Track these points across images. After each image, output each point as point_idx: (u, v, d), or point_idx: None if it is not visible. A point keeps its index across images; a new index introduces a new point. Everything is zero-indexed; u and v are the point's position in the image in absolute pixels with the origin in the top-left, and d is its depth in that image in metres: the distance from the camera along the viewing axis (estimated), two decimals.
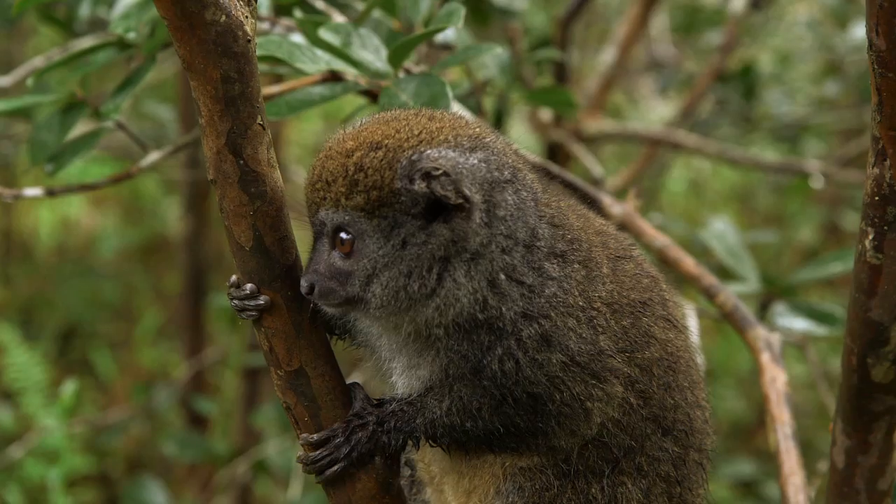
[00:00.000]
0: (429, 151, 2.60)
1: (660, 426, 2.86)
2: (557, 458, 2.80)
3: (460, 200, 2.59)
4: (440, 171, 2.57)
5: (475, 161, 2.64)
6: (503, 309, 2.67)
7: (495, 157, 2.68)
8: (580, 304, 2.73)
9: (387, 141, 2.64)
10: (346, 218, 2.62)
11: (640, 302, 2.87)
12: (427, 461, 3.03)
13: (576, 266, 2.75)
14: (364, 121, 2.77)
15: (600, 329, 2.75)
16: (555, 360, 2.70)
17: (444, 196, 2.58)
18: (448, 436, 2.77)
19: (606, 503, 2.81)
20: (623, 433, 2.81)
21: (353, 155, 2.63)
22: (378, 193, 2.60)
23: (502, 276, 2.67)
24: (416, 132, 2.65)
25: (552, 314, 2.69)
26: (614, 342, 2.77)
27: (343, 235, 2.64)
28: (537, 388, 2.71)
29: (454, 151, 2.62)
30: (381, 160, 2.61)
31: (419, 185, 2.58)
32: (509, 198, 2.68)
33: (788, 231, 9.13)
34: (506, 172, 2.69)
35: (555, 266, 2.72)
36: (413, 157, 2.60)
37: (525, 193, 2.72)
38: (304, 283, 2.65)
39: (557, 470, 2.81)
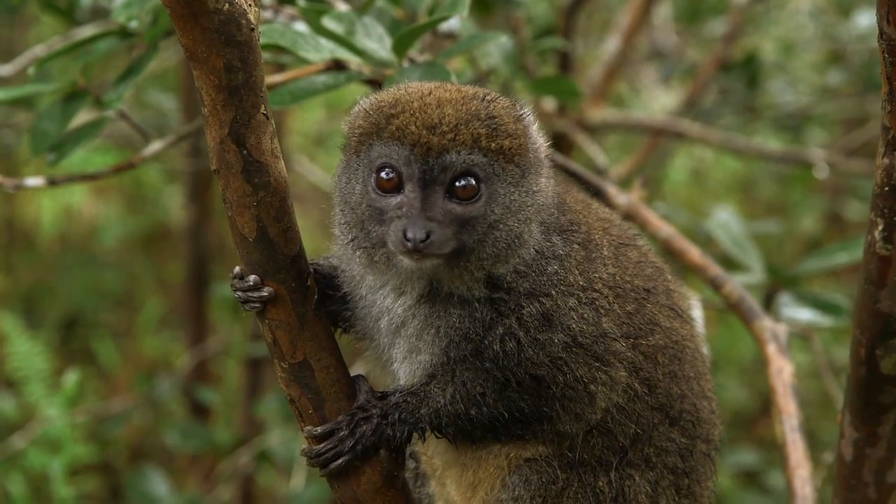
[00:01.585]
0: (528, 112, 2.71)
1: (667, 416, 2.86)
2: (563, 447, 2.80)
3: (544, 155, 2.72)
4: (538, 127, 2.71)
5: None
6: (519, 282, 2.68)
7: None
8: (580, 283, 2.74)
9: (497, 98, 2.69)
10: (484, 160, 2.60)
11: (644, 289, 2.87)
12: (430, 454, 3.02)
13: (575, 246, 2.76)
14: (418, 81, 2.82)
15: (602, 311, 2.75)
16: (556, 341, 2.70)
17: (545, 150, 2.72)
18: (453, 425, 2.76)
19: (614, 497, 2.80)
20: (628, 420, 2.80)
21: (470, 103, 2.63)
22: (517, 142, 2.64)
23: (546, 244, 2.73)
24: (504, 98, 2.73)
25: (553, 292, 2.70)
26: (618, 326, 2.77)
27: (470, 179, 2.59)
28: (540, 370, 2.70)
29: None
30: (507, 111, 2.66)
31: (542, 143, 2.70)
32: (545, 171, 2.77)
33: (791, 221, 9.10)
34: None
35: (559, 242, 2.74)
36: (528, 114, 2.70)
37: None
38: (415, 233, 2.52)
39: (563, 461, 2.80)
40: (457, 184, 2.58)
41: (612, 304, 2.78)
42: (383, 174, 2.61)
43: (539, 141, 2.73)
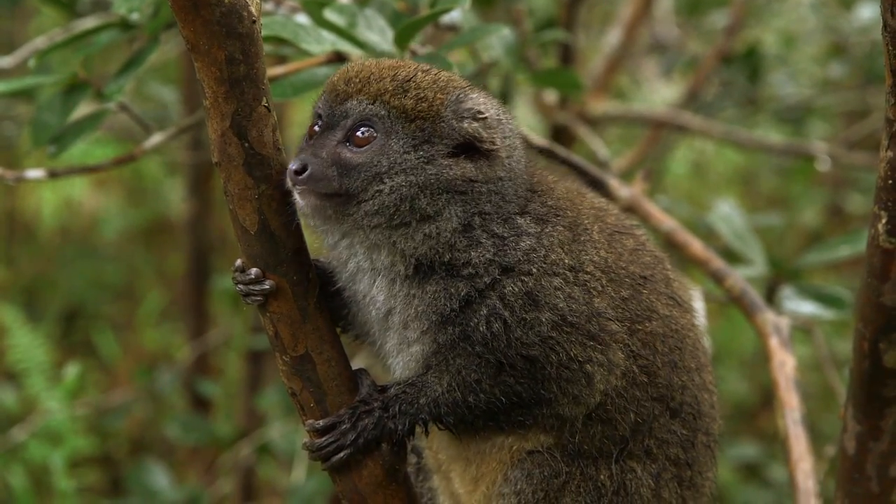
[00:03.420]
0: (475, 96, 2.75)
1: (667, 407, 2.86)
2: (564, 434, 2.79)
3: (493, 148, 2.74)
4: (484, 116, 2.72)
5: (506, 118, 2.81)
6: (472, 254, 2.71)
7: (514, 122, 2.86)
8: (567, 262, 2.75)
9: (434, 72, 2.77)
10: (383, 113, 2.68)
11: (640, 276, 2.88)
12: (435, 448, 3.03)
13: (559, 228, 2.79)
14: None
15: (595, 292, 2.77)
16: (544, 320, 2.71)
17: (485, 140, 2.73)
18: (453, 414, 2.76)
19: (615, 490, 2.81)
20: (628, 407, 2.81)
21: (400, 68, 2.74)
22: (425, 107, 2.70)
23: (477, 221, 2.74)
24: (456, 79, 2.81)
25: (533, 270, 2.72)
26: (612, 308, 2.77)
27: (364, 129, 2.68)
28: (531, 351, 2.71)
29: (493, 105, 2.79)
30: (433, 83, 2.74)
31: (468, 123, 2.72)
32: (514, 161, 2.80)
33: (792, 214, 9.10)
34: (517, 140, 2.84)
35: (528, 222, 2.77)
36: (461, 95, 2.73)
37: (523, 163, 2.84)
38: (294, 164, 2.61)
39: (565, 452, 2.80)
40: (355, 132, 2.68)
41: (605, 287, 2.79)
42: (313, 119, 2.76)
43: (476, 124, 2.73)
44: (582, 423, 2.80)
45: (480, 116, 2.73)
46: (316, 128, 2.73)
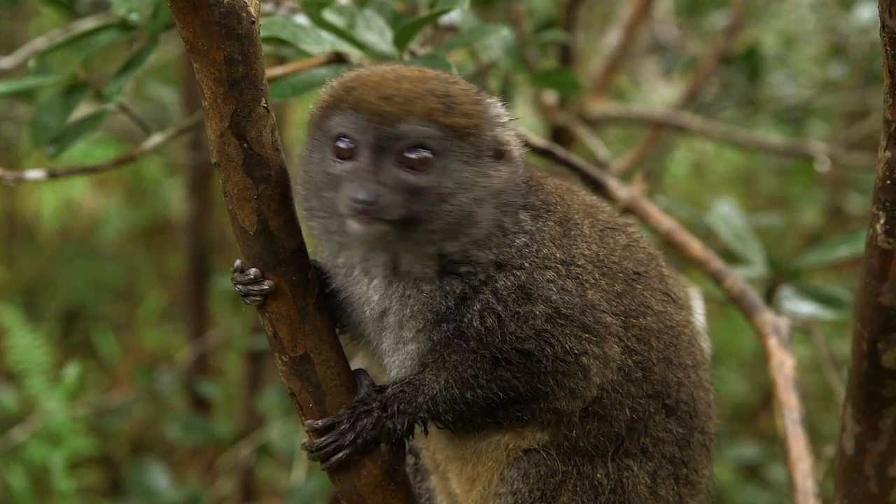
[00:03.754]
0: (493, 101, 2.79)
1: (663, 405, 2.86)
2: (560, 432, 2.80)
3: (512, 149, 2.77)
4: (505, 120, 2.77)
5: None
6: (479, 254, 2.73)
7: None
8: (558, 256, 2.76)
9: (458, 81, 2.76)
10: (438, 133, 2.64)
11: (633, 272, 2.88)
12: (432, 448, 3.03)
13: (550, 223, 2.80)
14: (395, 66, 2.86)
15: (587, 284, 2.77)
16: (538, 313, 2.71)
17: (507, 143, 2.76)
18: (451, 411, 2.77)
19: (612, 488, 2.81)
20: (623, 401, 2.81)
21: (428, 82, 2.70)
22: (471, 122, 2.69)
23: (505, 220, 2.77)
24: (472, 85, 2.81)
25: (526, 264, 2.73)
26: (606, 302, 2.78)
27: (423, 150, 2.63)
28: (526, 344, 2.71)
29: (502, 105, 2.82)
30: (466, 95, 2.72)
31: (500, 131, 2.75)
32: (521, 157, 2.83)
33: (792, 214, 9.10)
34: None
35: (527, 218, 2.78)
36: (488, 104, 2.75)
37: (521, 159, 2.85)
38: (362, 195, 2.56)
39: (561, 450, 2.80)
40: (410, 154, 2.63)
41: (597, 280, 2.80)
42: (340, 143, 2.66)
43: (501, 129, 2.76)
44: (578, 419, 2.80)
45: (503, 121, 2.76)
46: (361, 153, 2.64)
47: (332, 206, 2.66)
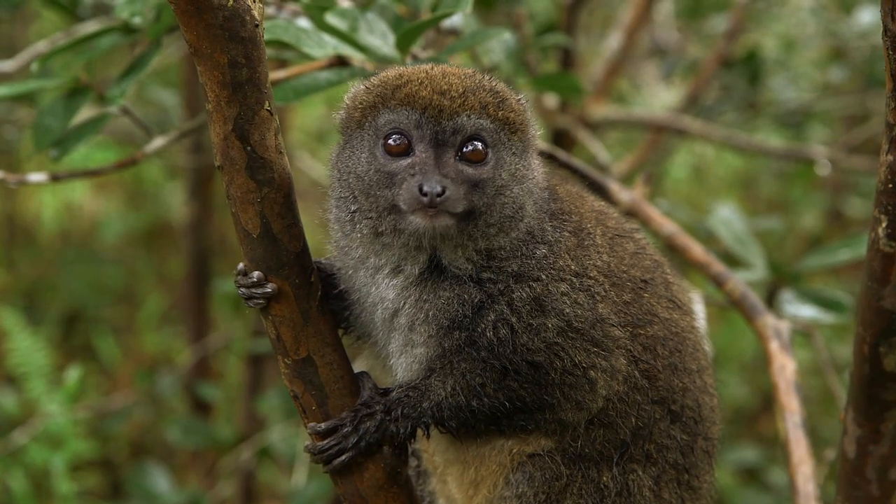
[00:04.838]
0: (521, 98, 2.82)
1: (668, 411, 2.86)
2: (565, 439, 2.79)
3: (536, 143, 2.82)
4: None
5: None
6: (508, 260, 2.74)
7: None
8: (573, 268, 2.76)
9: (493, 78, 2.79)
10: (492, 126, 2.68)
11: (641, 280, 2.89)
12: (430, 451, 3.03)
13: (565, 234, 2.80)
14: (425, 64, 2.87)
15: (598, 297, 2.78)
16: (550, 325, 2.72)
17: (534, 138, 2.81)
18: (455, 418, 2.77)
19: (618, 491, 2.81)
20: (629, 409, 2.81)
21: (474, 76, 2.74)
22: (519, 117, 2.74)
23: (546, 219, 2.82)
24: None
25: (542, 276, 2.73)
26: (615, 313, 2.78)
27: (479, 143, 2.66)
28: (536, 356, 2.72)
29: None
30: (509, 91, 2.77)
31: (535, 127, 2.80)
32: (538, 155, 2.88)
33: (792, 217, 9.10)
34: None
35: (549, 228, 2.79)
36: (524, 101, 2.80)
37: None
38: (430, 187, 2.56)
39: (566, 455, 2.81)
40: (466, 147, 2.65)
41: (608, 292, 2.80)
42: (392, 140, 2.66)
43: (534, 125, 2.82)
44: (584, 428, 2.80)
45: (534, 122, 2.81)
46: (418, 147, 2.64)
47: (387, 204, 2.65)
